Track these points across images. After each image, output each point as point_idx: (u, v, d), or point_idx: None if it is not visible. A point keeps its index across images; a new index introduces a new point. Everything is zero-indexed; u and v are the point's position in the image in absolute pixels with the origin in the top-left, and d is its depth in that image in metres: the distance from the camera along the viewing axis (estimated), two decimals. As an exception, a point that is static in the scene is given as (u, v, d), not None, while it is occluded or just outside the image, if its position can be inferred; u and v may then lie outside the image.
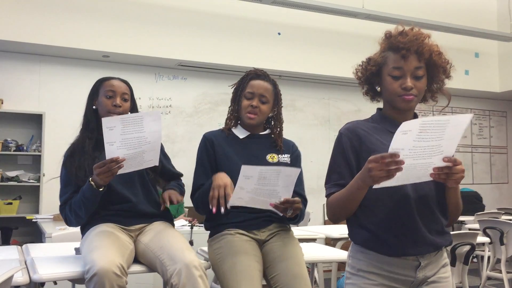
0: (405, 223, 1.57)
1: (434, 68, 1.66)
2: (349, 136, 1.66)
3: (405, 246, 1.57)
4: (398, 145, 1.35)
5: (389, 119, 1.67)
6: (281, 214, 2.08)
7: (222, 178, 2.12)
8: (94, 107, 2.37)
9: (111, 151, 1.97)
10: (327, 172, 1.70)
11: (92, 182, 2.07)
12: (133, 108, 2.41)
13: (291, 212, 2.04)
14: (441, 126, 1.36)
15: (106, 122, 1.92)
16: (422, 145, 1.36)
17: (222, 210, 2.06)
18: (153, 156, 2.10)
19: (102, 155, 2.17)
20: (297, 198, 2.04)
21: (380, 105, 1.77)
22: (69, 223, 2.27)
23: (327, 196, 1.66)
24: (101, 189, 2.08)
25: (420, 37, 1.62)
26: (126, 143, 1.98)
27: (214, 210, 2.07)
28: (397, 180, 1.41)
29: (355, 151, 1.63)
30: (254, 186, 1.94)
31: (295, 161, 2.37)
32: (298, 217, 2.18)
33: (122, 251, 2.00)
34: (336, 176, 1.64)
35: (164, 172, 2.42)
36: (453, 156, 1.43)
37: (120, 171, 2.03)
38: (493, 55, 7.40)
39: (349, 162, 1.62)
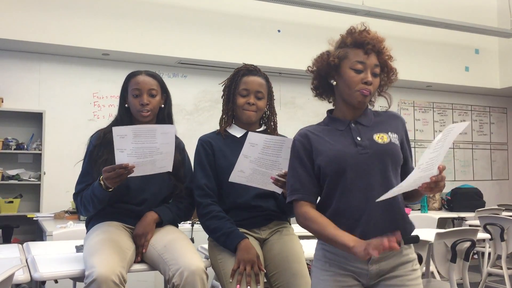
0: (354, 216, 1.63)
1: (384, 71, 1.74)
2: (302, 141, 1.75)
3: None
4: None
5: (338, 119, 1.76)
6: (280, 192, 2.08)
7: (248, 250, 2.06)
8: (126, 105, 2.32)
9: (121, 157, 1.96)
10: (287, 177, 1.78)
11: (102, 182, 2.06)
12: (166, 101, 2.36)
13: None
14: (445, 135, 1.43)
15: (116, 130, 1.93)
16: (428, 156, 1.43)
17: None
18: (166, 164, 2.09)
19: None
20: None
21: (330, 106, 1.86)
22: (79, 212, 2.30)
23: (290, 202, 1.74)
24: (110, 190, 2.06)
25: (379, 37, 1.72)
26: (137, 152, 1.97)
27: (238, 286, 2.01)
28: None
29: (308, 154, 1.71)
30: (257, 155, 1.99)
31: None
32: None
33: (123, 256, 1.98)
34: (295, 181, 1.72)
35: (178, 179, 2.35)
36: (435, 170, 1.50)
37: (131, 175, 2.02)
38: (493, 52, 7.39)
39: (305, 165, 1.70)
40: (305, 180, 1.69)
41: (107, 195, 2.08)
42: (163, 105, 2.35)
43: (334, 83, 1.75)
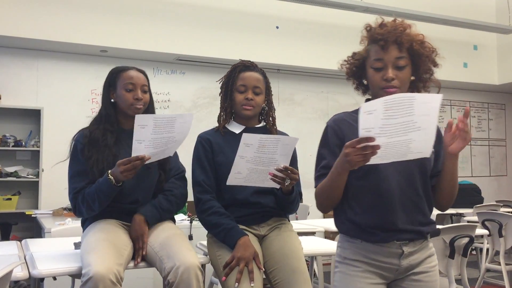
0: (387, 215, 1.61)
1: (418, 57, 1.65)
2: (334, 128, 1.71)
3: (388, 235, 1.62)
4: (366, 125, 1.36)
5: None
6: (278, 187, 2.08)
7: (246, 248, 2.05)
8: (112, 100, 2.27)
9: (138, 149, 1.94)
10: (315, 164, 1.73)
11: (110, 177, 2.03)
12: (150, 101, 2.34)
13: (289, 182, 2.04)
14: (407, 103, 1.35)
15: (139, 119, 1.89)
16: (392, 122, 1.36)
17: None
18: (172, 151, 2.11)
19: (122, 151, 2.15)
20: (294, 169, 2.04)
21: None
22: (79, 213, 2.19)
23: (316, 187, 1.69)
24: (119, 185, 2.04)
25: (399, 27, 1.62)
26: (154, 143, 1.96)
27: (224, 278, 2.03)
28: (381, 158, 1.43)
29: (340, 142, 1.65)
30: (253, 154, 1.98)
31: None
32: (294, 193, 2.18)
33: (120, 254, 1.98)
34: (323, 168, 1.68)
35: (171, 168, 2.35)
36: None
37: None
38: (491, 48, 7.39)
39: (335, 153, 1.62)
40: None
41: (116, 190, 2.05)
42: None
43: (366, 82, 1.73)
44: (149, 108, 2.33)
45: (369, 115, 1.35)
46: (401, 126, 1.37)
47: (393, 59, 1.61)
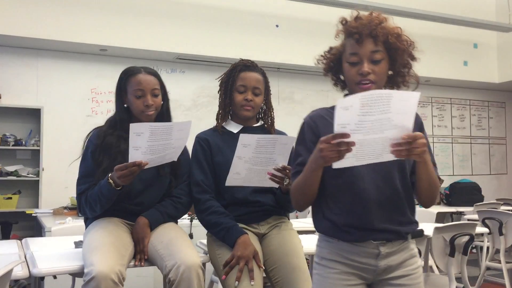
0: (363, 214, 1.56)
1: (394, 51, 1.58)
2: (311, 124, 1.65)
3: (364, 234, 1.56)
4: (342, 120, 1.33)
5: None
6: (277, 186, 2.08)
7: (246, 246, 2.05)
8: (125, 105, 2.25)
9: (135, 155, 1.94)
10: (292, 161, 1.68)
11: (110, 180, 2.02)
12: (164, 97, 2.31)
13: (288, 181, 2.04)
14: (384, 100, 1.32)
15: (134, 128, 1.88)
16: (368, 119, 1.33)
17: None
18: (174, 156, 2.08)
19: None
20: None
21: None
22: (83, 213, 2.21)
23: (291, 185, 1.64)
24: (119, 188, 2.04)
25: (374, 20, 1.57)
26: (151, 149, 1.95)
27: (224, 277, 2.03)
28: (357, 159, 1.39)
29: (316, 139, 1.55)
30: (251, 154, 1.97)
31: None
32: None
33: (122, 254, 1.98)
34: (298, 165, 1.62)
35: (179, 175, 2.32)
36: (412, 131, 1.38)
37: None
38: (492, 46, 7.39)
39: (311, 150, 1.55)
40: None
41: (116, 193, 2.05)
42: (162, 102, 2.32)
43: (343, 77, 1.67)
44: (163, 111, 2.30)
45: (345, 110, 1.32)
46: (378, 123, 1.34)
47: (368, 52, 1.55)
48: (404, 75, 1.65)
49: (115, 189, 2.03)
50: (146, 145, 1.92)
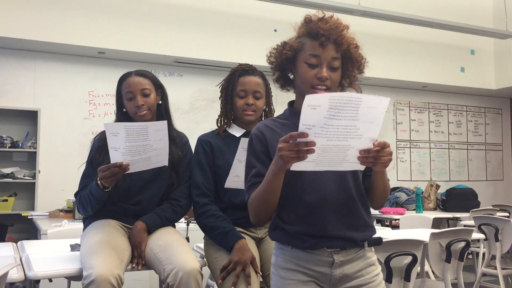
0: (316, 221, 1.52)
1: (349, 61, 1.58)
2: (258, 135, 1.60)
3: (318, 241, 1.52)
4: (308, 121, 1.27)
5: (298, 113, 1.35)
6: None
7: (243, 252, 2.04)
8: (124, 109, 2.31)
9: (115, 156, 1.96)
10: (245, 175, 1.61)
11: (98, 182, 2.06)
12: (162, 97, 2.34)
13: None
14: (353, 104, 1.27)
15: (108, 127, 1.91)
16: (335, 123, 1.28)
17: None
18: (161, 159, 2.09)
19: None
20: None
21: (292, 96, 1.68)
22: (79, 211, 2.31)
23: (248, 199, 1.57)
24: (107, 190, 2.07)
25: (340, 26, 1.55)
26: (131, 150, 1.96)
27: (220, 281, 2.02)
28: (316, 164, 1.34)
29: (265, 149, 1.56)
30: None
31: None
32: None
33: (121, 257, 1.98)
34: (254, 176, 1.56)
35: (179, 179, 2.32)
36: (377, 140, 1.36)
37: (128, 172, 2.03)
38: (488, 52, 7.42)
39: (263, 160, 1.55)
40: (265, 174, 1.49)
41: (104, 194, 2.08)
42: (160, 101, 2.33)
43: (292, 76, 1.62)
44: (161, 111, 2.33)
45: (313, 110, 1.26)
46: (343, 130, 1.30)
47: (329, 58, 1.53)
48: (345, 86, 1.64)
49: (103, 190, 2.06)
50: (124, 145, 1.94)
